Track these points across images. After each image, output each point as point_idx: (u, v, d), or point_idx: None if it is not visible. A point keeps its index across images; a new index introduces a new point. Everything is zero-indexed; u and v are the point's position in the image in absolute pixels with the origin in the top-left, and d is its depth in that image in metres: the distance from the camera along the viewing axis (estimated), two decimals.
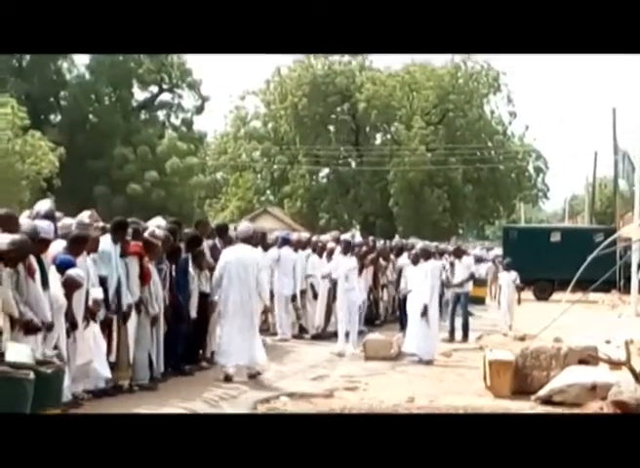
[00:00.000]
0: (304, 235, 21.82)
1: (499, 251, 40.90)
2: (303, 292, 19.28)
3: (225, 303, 13.52)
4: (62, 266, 10.18)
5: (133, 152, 57.27)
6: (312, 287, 19.38)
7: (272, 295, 17.72)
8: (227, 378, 13.18)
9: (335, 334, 18.34)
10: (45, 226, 10.03)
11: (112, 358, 11.53)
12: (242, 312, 13.44)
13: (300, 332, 19.41)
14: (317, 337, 19.14)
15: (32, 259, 9.23)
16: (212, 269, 14.11)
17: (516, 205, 68.39)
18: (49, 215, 10.89)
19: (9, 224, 9.24)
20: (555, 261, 32.96)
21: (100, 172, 55.68)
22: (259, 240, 16.45)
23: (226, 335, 13.48)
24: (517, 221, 68.71)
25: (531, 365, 13.63)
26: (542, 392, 12.68)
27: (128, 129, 58.81)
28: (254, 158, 63.53)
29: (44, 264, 9.70)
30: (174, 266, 13.38)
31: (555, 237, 37.97)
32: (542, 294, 35.55)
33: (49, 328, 9.41)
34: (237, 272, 13.43)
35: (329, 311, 19.33)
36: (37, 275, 9.33)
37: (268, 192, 64.83)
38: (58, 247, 10.41)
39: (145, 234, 12.48)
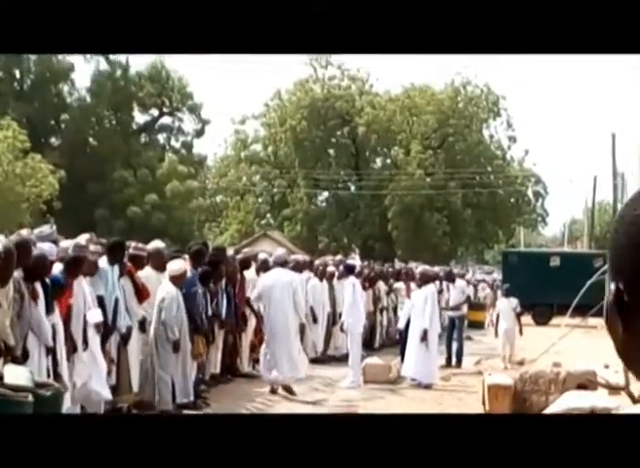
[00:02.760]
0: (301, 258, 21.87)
1: (498, 275, 40.97)
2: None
3: (267, 323, 14.95)
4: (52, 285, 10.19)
5: (133, 175, 57.36)
6: (312, 311, 19.37)
7: None
8: (273, 391, 14.77)
9: (334, 358, 18.40)
10: (47, 249, 10.04)
11: (112, 381, 11.54)
12: (282, 330, 14.75)
13: None
14: (316, 361, 19.14)
15: (37, 284, 9.25)
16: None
17: (515, 229, 68.48)
18: (50, 239, 10.92)
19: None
20: (554, 286, 32.92)
21: (100, 194, 55.74)
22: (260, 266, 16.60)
23: (270, 352, 14.82)
24: (516, 246, 68.76)
25: (530, 389, 13.63)
26: None
27: (128, 152, 58.92)
28: (254, 181, 63.64)
29: (48, 288, 9.70)
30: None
31: (555, 261, 38.00)
32: (542, 319, 35.51)
33: (49, 352, 9.43)
34: (275, 294, 14.78)
35: (328, 335, 19.37)
36: (41, 300, 9.34)
37: (268, 216, 64.90)
38: (55, 270, 10.44)
39: (130, 250, 12.51)
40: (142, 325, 12.17)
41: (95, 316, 10.96)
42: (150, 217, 55.44)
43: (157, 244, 13.93)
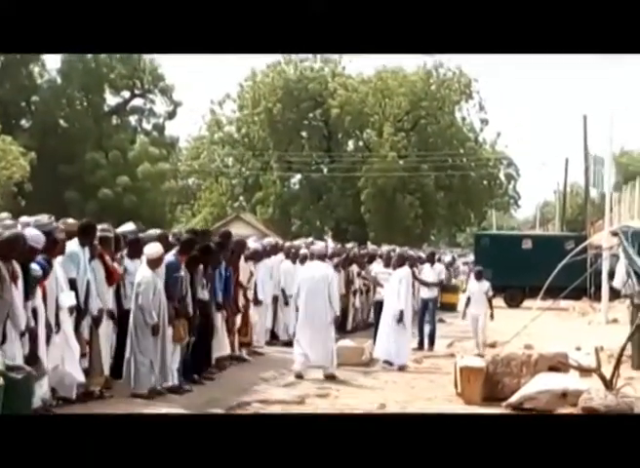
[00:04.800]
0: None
1: (471, 258, 41.11)
2: (276, 299, 19.31)
3: (303, 313, 15.67)
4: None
5: (104, 157, 57.04)
6: (283, 292, 19.38)
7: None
8: (299, 376, 15.30)
9: None
10: (34, 235, 9.92)
11: (85, 364, 11.49)
12: (317, 320, 15.51)
13: (272, 339, 19.40)
14: (289, 344, 19.11)
15: (16, 265, 9.15)
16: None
17: (487, 212, 68.62)
18: (48, 229, 10.77)
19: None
20: (526, 268, 33.04)
21: (71, 177, 55.42)
22: (239, 249, 16.56)
23: (303, 340, 15.56)
24: (488, 228, 68.95)
25: (501, 371, 13.68)
26: (513, 399, 12.73)
27: (99, 134, 58.57)
28: (227, 164, 63.43)
29: (30, 274, 9.60)
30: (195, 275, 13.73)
31: (526, 244, 38.14)
32: (513, 302, 35.67)
33: (22, 335, 9.36)
34: (311, 286, 15.57)
35: None
36: (20, 283, 9.24)
37: (241, 198, 64.70)
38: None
39: (98, 232, 12.42)
40: (110, 312, 12.13)
41: (67, 299, 10.89)
42: (122, 200, 55.20)
43: (129, 226, 13.93)
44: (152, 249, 12.64)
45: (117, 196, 55.35)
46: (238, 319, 16.48)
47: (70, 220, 12.80)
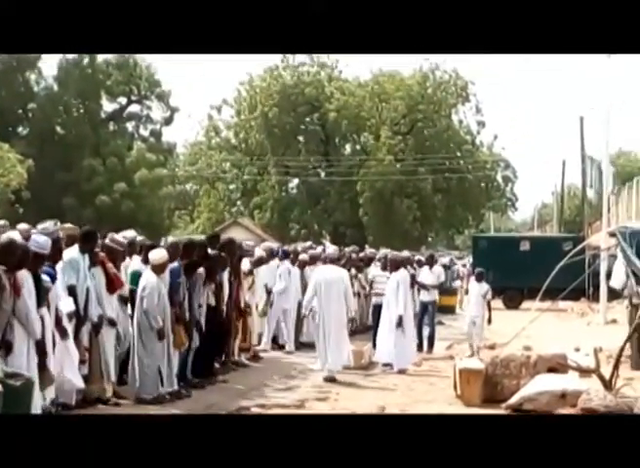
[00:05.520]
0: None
1: (469, 260, 41.08)
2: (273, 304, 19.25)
3: (320, 316, 15.82)
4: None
5: (102, 164, 57.02)
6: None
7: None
8: (328, 379, 15.50)
9: (305, 345, 18.43)
10: (41, 241, 9.87)
11: (85, 370, 11.49)
12: (335, 322, 15.75)
13: (272, 343, 19.40)
14: (283, 348, 19.11)
15: (18, 275, 9.09)
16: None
17: (485, 214, 68.65)
18: (53, 236, 10.75)
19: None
20: (524, 270, 33.07)
21: (68, 183, 55.39)
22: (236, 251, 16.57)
23: (321, 343, 15.82)
24: (486, 231, 68.98)
25: (501, 373, 13.67)
26: (513, 400, 12.71)
27: (96, 140, 58.55)
28: (224, 169, 63.41)
29: (41, 281, 9.55)
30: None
31: (524, 246, 38.15)
32: (512, 303, 35.65)
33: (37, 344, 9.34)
34: (326, 289, 15.75)
35: (300, 322, 19.34)
36: (26, 291, 9.16)
37: (239, 203, 64.69)
38: None
39: (106, 240, 12.48)
40: (111, 320, 12.12)
41: (67, 305, 10.90)
42: (119, 206, 55.17)
43: (130, 234, 13.98)
44: (157, 254, 12.69)
45: (114, 202, 55.31)
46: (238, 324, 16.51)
47: (68, 225, 12.84)
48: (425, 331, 20.55)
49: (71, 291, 11.23)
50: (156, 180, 57.35)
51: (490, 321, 19.68)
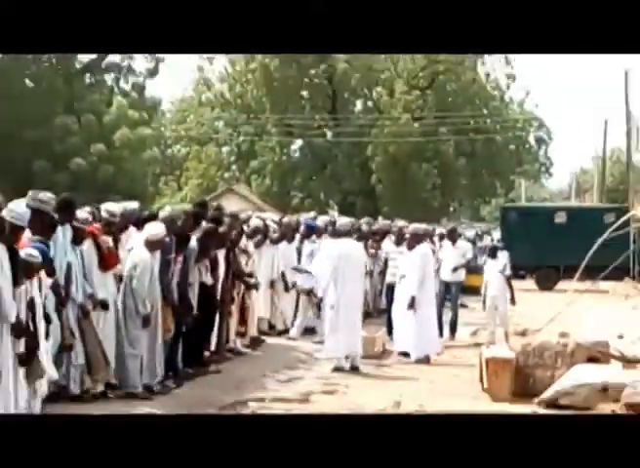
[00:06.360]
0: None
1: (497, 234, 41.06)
2: (273, 283, 19.21)
3: (337, 297, 15.50)
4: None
5: (76, 122, 56.93)
6: (283, 277, 19.30)
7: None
8: (337, 369, 15.39)
9: (307, 330, 18.50)
10: (19, 210, 9.56)
11: (81, 359, 11.46)
12: (352, 305, 15.65)
13: (269, 329, 19.36)
14: (286, 333, 19.11)
15: None
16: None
17: (515, 181, 68.61)
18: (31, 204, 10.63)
19: None
20: (560, 246, 33.13)
21: (39, 144, 55.34)
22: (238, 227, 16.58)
23: (335, 327, 15.50)
24: (517, 200, 68.94)
25: (533, 363, 13.70)
26: (547, 394, 12.74)
27: (70, 95, 58.47)
28: (217, 128, 63.32)
29: (17, 257, 9.45)
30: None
31: (560, 218, 38.13)
32: (546, 283, 35.69)
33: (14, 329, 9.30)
34: (343, 267, 15.46)
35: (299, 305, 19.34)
36: (6, 267, 9.07)
37: (234, 168, 64.66)
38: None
39: (103, 214, 12.41)
40: (104, 303, 12.01)
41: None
42: (97, 170, 55.13)
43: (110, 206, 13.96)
44: (155, 229, 12.56)
45: (91, 166, 55.24)
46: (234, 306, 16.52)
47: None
48: (447, 316, 20.41)
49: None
50: (139, 141, 57.28)
51: (513, 301, 19.60)
